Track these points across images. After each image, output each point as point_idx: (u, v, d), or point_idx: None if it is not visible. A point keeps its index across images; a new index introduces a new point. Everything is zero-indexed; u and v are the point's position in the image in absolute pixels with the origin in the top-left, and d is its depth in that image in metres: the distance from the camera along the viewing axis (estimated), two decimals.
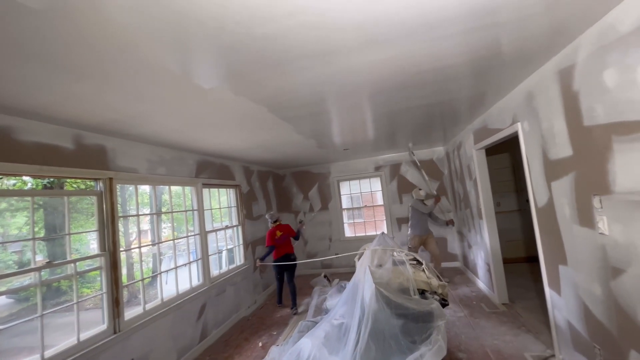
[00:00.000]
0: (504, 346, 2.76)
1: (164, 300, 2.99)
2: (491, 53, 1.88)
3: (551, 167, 2.23)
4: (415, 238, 4.79)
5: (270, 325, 3.90)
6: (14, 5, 1.05)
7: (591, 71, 1.69)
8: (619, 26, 1.47)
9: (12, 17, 1.10)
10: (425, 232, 4.81)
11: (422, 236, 4.80)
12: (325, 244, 6.40)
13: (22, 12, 1.08)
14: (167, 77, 1.71)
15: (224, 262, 4.45)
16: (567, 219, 2.10)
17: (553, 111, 2.10)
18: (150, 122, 2.41)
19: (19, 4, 1.04)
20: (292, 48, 1.55)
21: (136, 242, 5.26)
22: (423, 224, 4.80)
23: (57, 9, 1.09)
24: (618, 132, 1.56)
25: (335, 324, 2.56)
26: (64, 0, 1.06)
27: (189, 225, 3.75)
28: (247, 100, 2.21)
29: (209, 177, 4.10)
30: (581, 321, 2.08)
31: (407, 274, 2.64)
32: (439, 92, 2.54)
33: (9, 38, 1.22)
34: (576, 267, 2.08)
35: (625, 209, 1.58)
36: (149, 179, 3.03)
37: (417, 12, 1.35)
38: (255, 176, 5.52)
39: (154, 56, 1.48)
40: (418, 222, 4.80)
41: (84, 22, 1.18)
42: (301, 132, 3.43)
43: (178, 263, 3.41)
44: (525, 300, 3.67)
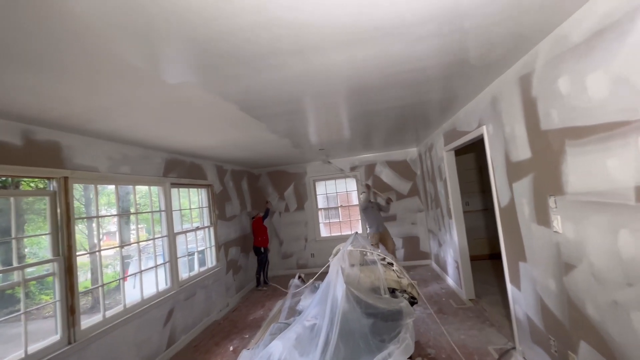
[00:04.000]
0: (470, 340, 2.87)
1: (126, 307, 2.83)
2: (460, 58, 1.94)
3: (513, 168, 2.34)
4: (375, 235, 5.06)
5: (243, 329, 3.82)
6: None
7: (547, 78, 1.79)
8: (571, 37, 1.56)
9: None
10: (383, 229, 5.14)
11: (381, 233, 5.10)
12: (301, 245, 6.37)
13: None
14: (130, 71, 1.61)
15: (195, 265, 4.30)
16: (527, 218, 2.22)
17: (514, 115, 2.21)
18: (112, 117, 2.27)
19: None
20: (262, 45, 1.51)
21: (102, 244, 4.98)
22: (378, 221, 5.15)
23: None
24: (570, 137, 1.66)
25: (307, 325, 2.54)
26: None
27: (156, 226, 3.59)
28: (216, 97, 2.14)
29: (179, 176, 3.94)
30: (538, 314, 2.20)
31: (379, 273, 2.67)
32: (412, 94, 2.59)
33: None
34: (534, 264, 2.19)
35: (576, 208, 1.68)
36: (111, 178, 2.86)
37: (390, 12, 1.35)
38: (228, 175, 5.39)
39: (116, 48, 1.38)
40: (374, 221, 5.12)
41: (37, 9, 1.07)
42: (275, 131, 3.38)
43: (145, 266, 3.25)
44: (490, 295, 3.85)
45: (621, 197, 1.37)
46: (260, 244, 5.40)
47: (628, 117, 1.29)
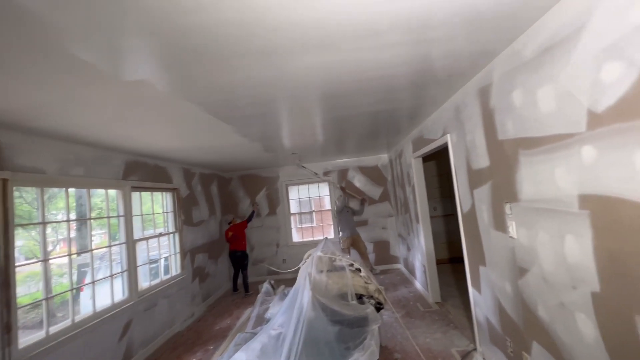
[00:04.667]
0: (434, 343, 2.93)
1: (75, 321, 2.60)
2: (427, 67, 2.00)
3: (474, 176, 2.44)
4: (347, 240, 5.23)
5: (207, 340, 3.65)
6: None
7: (503, 91, 1.88)
8: (523, 52, 1.66)
9: None
10: (355, 233, 5.34)
11: (353, 237, 5.29)
12: (273, 250, 6.25)
13: None
14: (80, 66, 1.48)
15: (161, 272, 4.07)
16: (486, 224, 2.31)
17: (475, 125, 2.30)
18: (62, 115, 2.09)
19: None
20: (227, 45, 1.46)
21: (54, 252, 4.59)
22: (350, 225, 5.33)
23: None
24: (523, 147, 1.75)
25: (273, 335, 2.47)
26: None
27: (115, 233, 3.35)
28: (180, 97, 2.04)
29: (141, 179, 3.72)
30: (496, 316, 2.29)
31: (346, 279, 2.66)
32: (383, 101, 2.63)
33: None
34: (492, 268, 2.28)
35: (528, 215, 1.77)
36: (61, 181, 2.63)
37: (356, 17, 1.35)
38: (197, 179, 5.18)
39: (61, 40, 1.27)
40: (347, 225, 5.31)
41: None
42: (245, 134, 3.30)
43: (100, 276, 3.02)
44: (454, 298, 3.98)
45: (566, 205, 1.46)
46: (243, 247, 5.32)
47: (573, 129, 1.38)
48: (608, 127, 1.20)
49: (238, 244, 5.26)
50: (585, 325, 1.43)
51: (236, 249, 5.23)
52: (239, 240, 5.29)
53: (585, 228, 1.37)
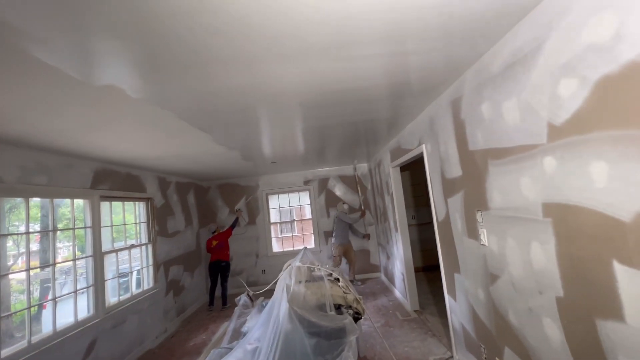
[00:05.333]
0: (412, 352, 2.94)
1: (32, 342, 2.40)
2: (402, 79, 2.06)
3: (447, 185, 2.51)
4: (339, 247, 5.28)
5: (180, 357, 3.47)
6: None
7: (473, 103, 1.96)
8: (490, 67, 1.74)
9: None
10: (347, 242, 5.42)
11: (345, 245, 5.35)
12: (252, 261, 6.11)
13: None
14: (40, 68, 1.41)
15: (133, 286, 3.86)
16: (459, 232, 2.37)
17: (447, 136, 2.38)
18: (20, 120, 1.97)
19: None
20: (202, 51, 1.44)
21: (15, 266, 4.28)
22: (345, 234, 5.40)
23: None
24: (492, 157, 1.82)
25: (249, 349, 2.39)
26: None
27: (82, 245, 3.16)
28: (150, 104, 1.98)
29: (111, 188, 3.56)
30: (470, 323, 2.33)
31: (325, 289, 2.63)
32: (361, 111, 2.68)
33: None
34: (466, 275, 2.33)
35: (498, 223, 1.83)
36: (21, 190, 2.47)
37: (331, 28, 1.37)
38: (172, 188, 5.02)
39: (18, 41, 1.20)
40: (342, 232, 5.36)
41: None
42: (222, 142, 3.24)
43: (64, 291, 2.82)
44: (432, 306, 4.02)
45: (532, 213, 1.52)
46: (227, 257, 5.20)
47: (535, 141, 1.45)
48: (566, 139, 1.28)
49: (222, 254, 5.12)
50: (551, 330, 1.48)
51: (220, 258, 5.08)
52: (223, 250, 5.16)
53: (549, 235, 1.43)
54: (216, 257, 5.08)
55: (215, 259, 5.08)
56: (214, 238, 5.15)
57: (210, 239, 5.17)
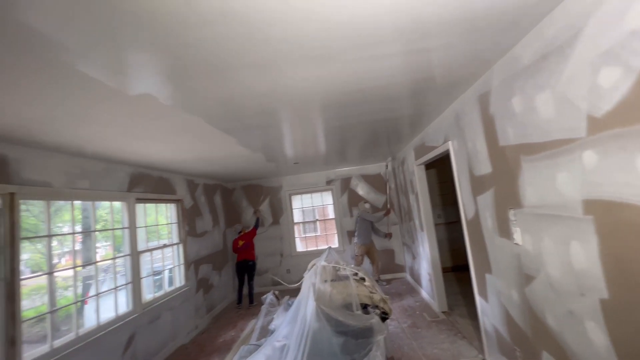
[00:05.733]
0: (442, 354, 2.87)
1: (79, 335, 2.59)
2: (425, 76, 2.02)
3: (476, 182, 2.43)
4: (362, 247, 5.22)
5: (211, 352, 3.61)
6: None
7: (502, 97, 1.89)
8: (522, 59, 1.67)
9: None
10: (370, 241, 5.33)
11: (367, 244, 5.28)
12: (277, 260, 6.22)
13: None
14: (85, 81, 1.53)
15: (166, 284, 4.06)
16: (490, 231, 2.29)
17: (475, 132, 2.31)
18: (66, 129, 2.13)
19: None
20: (229, 57, 1.49)
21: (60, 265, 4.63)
22: (368, 233, 5.32)
23: None
24: (525, 152, 1.75)
25: (277, 347, 2.44)
26: None
27: (120, 245, 3.37)
28: (181, 110, 2.08)
29: (145, 191, 3.76)
30: (504, 325, 2.24)
31: (351, 289, 2.64)
32: (383, 110, 2.66)
33: None
34: (498, 275, 2.25)
35: (533, 221, 1.75)
36: (66, 194, 2.67)
37: (354, 29, 1.38)
38: (200, 190, 5.21)
39: (67, 58, 1.31)
40: (364, 232, 5.29)
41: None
42: (247, 145, 3.33)
43: (104, 288, 3.02)
44: (461, 307, 3.90)
45: (570, 210, 1.45)
46: (253, 256, 5.35)
47: (573, 134, 1.38)
48: (608, 131, 1.20)
49: (248, 254, 5.27)
50: (595, 334, 1.39)
51: (247, 258, 5.23)
52: (249, 250, 5.30)
53: (590, 234, 1.35)
54: (243, 256, 5.23)
55: (242, 258, 5.23)
56: (240, 238, 5.30)
57: (236, 239, 5.33)
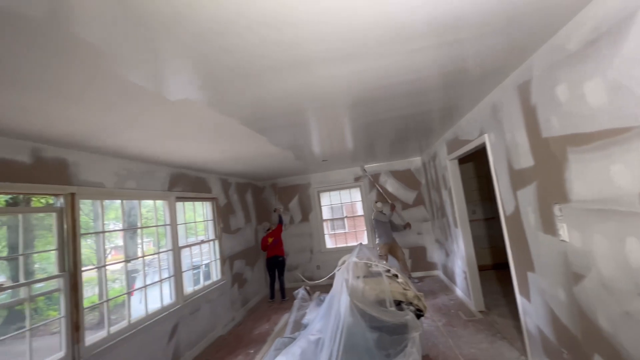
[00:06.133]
0: (480, 354, 2.78)
1: (131, 322, 2.82)
2: (458, 67, 1.96)
3: (516, 176, 2.32)
4: (384, 247, 5.19)
5: (248, 343, 3.76)
6: None
7: (545, 86, 1.79)
8: (566, 45, 1.57)
9: None
10: (391, 240, 5.29)
11: (389, 243, 5.24)
12: (307, 256, 6.32)
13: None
14: (132, 89, 1.66)
15: (201, 278, 4.29)
16: (533, 227, 2.18)
17: (515, 123, 2.20)
18: (115, 134, 2.32)
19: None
20: (262, 60, 1.55)
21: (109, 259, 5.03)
22: (387, 232, 5.30)
23: (5, 20, 1.04)
24: (572, 143, 1.65)
25: (312, 340, 2.50)
26: (11, 12, 1.00)
27: (162, 240, 3.61)
28: (217, 112, 2.18)
29: (183, 190, 3.98)
30: (549, 326, 2.13)
31: (384, 285, 2.63)
32: (413, 104, 2.61)
33: None
34: (542, 274, 2.14)
35: (582, 216, 1.65)
36: (117, 193, 2.91)
37: (387, 25, 1.38)
38: (233, 188, 5.42)
39: (115, 69, 1.43)
40: (384, 232, 5.28)
41: (36, 34, 1.13)
42: (277, 143, 3.41)
43: (150, 280, 3.26)
44: (500, 307, 3.74)
45: (627, 204, 1.35)
46: (283, 252, 5.48)
47: (629, 123, 1.28)
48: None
49: (278, 250, 5.41)
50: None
51: (276, 254, 5.36)
52: (278, 246, 5.44)
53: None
54: (273, 253, 5.37)
55: (273, 254, 5.37)
56: (269, 235, 5.44)
57: (265, 237, 5.47)
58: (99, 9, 1.05)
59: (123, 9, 1.07)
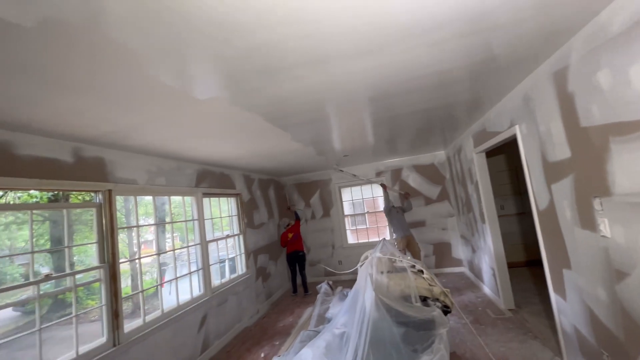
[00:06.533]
0: (511, 353, 2.69)
1: (164, 312, 2.97)
2: (486, 56, 1.88)
3: (550, 169, 2.21)
4: (401, 240, 5.00)
5: (273, 335, 3.86)
6: (6, 24, 1.07)
7: (585, 73, 1.68)
8: (609, 27, 1.47)
9: (5, 35, 1.13)
10: (409, 233, 5.07)
11: (407, 236, 5.03)
12: (329, 251, 6.35)
13: (15, 30, 1.10)
14: (162, 90, 1.73)
15: (227, 272, 4.44)
16: (569, 222, 2.07)
17: (550, 113, 2.09)
18: (147, 133, 2.43)
19: (12, 24, 1.07)
20: (287, 57, 1.56)
21: (140, 252, 5.29)
22: (403, 225, 5.08)
23: (50, 28, 1.11)
24: (615, 133, 1.54)
25: (337, 333, 2.52)
26: (57, 20, 1.08)
27: (189, 235, 3.75)
28: (242, 110, 2.23)
29: (209, 186, 4.11)
30: (587, 327, 2.03)
31: (409, 280, 2.60)
32: (437, 97, 2.54)
33: (2, 56, 1.24)
34: (580, 271, 2.03)
35: (625, 210, 1.55)
36: (148, 189, 3.05)
37: (411, 17, 1.35)
38: (256, 184, 5.53)
39: (148, 71, 1.50)
40: (399, 224, 5.07)
41: (77, 40, 1.20)
42: (300, 140, 3.44)
43: (179, 273, 3.41)
44: (531, 305, 3.60)
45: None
46: (302, 247, 5.61)
47: None
48: None
49: (298, 245, 5.53)
50: None
51: (297, 249, 5.48)
52: (298, 241, 5.56)
53: None
54: (294, 248, 5.48)
55: (293, 249, 5.48)
56: (289, 231, 5.54)
57: (285, 233, 5.56)
58: (135, 14, 1.10)
59: (156, 13, 1.11)
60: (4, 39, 1.13)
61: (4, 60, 1.27)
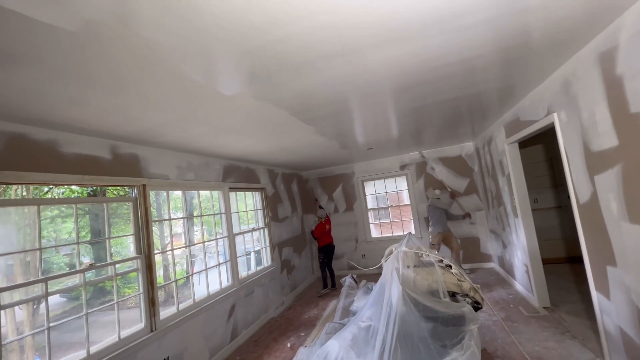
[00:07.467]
0: (546, 353, 2.57)
1: (196, 301, 3.11)
2: (521, 40, 1.77)
3: (594, 159, 2.05)
4: (438, 235, 4.98)
5: (298, 327, 3.93)
6: (51, 28, 1.14)
7: (636, 53, 1.54)
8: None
9: (50, 40, 1.20)
10: (446, 229, 5.04)
11: (444, 233, 5.00)
12: (352, 245, 6.34)
13: (58, 34, 1.17)
14: (191, 87, 1.78)
15: (252, 264, 4.56)
16: (615, 216, 1.92)
17: (594, 98, 1.94)
18: (177, 129, 2.52)
19: (56, 27, 1.13)
20: (311, 49, 1.56)
21: (168, 245, 5.54)
22: (443, 221, 5.05)
23: (90, 31, 1.17)
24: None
25: (363, 327, 2.53)
26: (95, 23, 1.13)
27: (217, 228, 3.88)
28: (268, 104, 2.25)
29: (236, 180, 4.22)
30: (635, 328, 1.89)
31: (436, 275, 2.54)
32: (466, 85, 2.43)
33: (47, 59, 1.32)
34: (627, 268, 1.89)
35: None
36: (179, 184, 3.18)
37: (440, 1, 1.29)
38: (279, 179, 5.60)
39: (178, 68, 1.55)
40: (439, 220, 5.04)
41: (113, 41, 1.26)
42: (323, 133, 3.43)
43: (208, 265, 3.54)
44: (568, 303, 3.40)
45: None
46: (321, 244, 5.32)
47: None
48: None
49: (331, 237, 5.43)
50: None
51: (331, 241, 5.39)
52: (330, 233, 5.47)
53: None
54: (328, 240, 5.33)
55: (329, 242, 5.34)
56: (327, 222, 5.37)
57: (322, 224, 5.32)
58: (165, 14, 1.13)
59: (187, 12, 1.14)
60: (46, 41, 1.21)
61: (52, 64, 1.35)
